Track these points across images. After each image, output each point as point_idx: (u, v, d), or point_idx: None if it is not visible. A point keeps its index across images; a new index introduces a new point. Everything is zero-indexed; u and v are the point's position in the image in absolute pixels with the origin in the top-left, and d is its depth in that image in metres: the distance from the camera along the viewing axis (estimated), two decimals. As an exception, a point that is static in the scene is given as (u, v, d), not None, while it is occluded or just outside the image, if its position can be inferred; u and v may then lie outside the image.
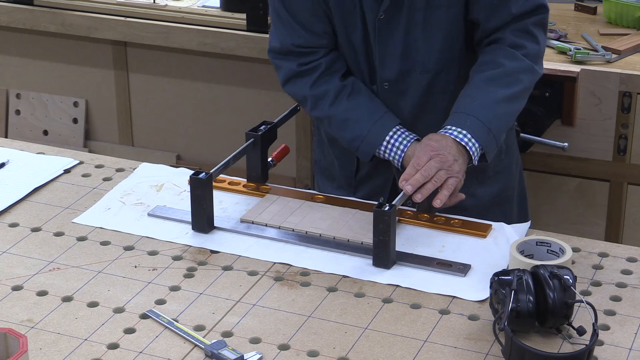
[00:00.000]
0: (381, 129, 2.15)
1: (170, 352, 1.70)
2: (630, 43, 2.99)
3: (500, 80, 2.10)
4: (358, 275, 1.91)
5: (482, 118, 2.06)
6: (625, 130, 2.92)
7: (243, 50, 3.35)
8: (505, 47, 2.12)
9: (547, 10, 2.16)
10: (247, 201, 2.17)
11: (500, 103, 2.09)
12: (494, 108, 2.08)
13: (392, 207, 1.91)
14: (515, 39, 2.12)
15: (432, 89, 2.18)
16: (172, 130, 3.72)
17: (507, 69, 2.10)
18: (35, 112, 3.87)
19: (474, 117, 2.06)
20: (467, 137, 2.04)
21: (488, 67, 2.11)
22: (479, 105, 2.08)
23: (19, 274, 1.92)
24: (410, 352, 1.70)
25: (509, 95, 2.10)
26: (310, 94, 2.20)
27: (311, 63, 2.20)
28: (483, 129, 2.06)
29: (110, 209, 2.14)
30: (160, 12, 3.47)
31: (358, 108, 2.17)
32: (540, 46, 2.15)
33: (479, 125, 2.05)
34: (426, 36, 2.13)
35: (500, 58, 2.11)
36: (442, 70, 2.16)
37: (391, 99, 2.20)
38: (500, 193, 2.30)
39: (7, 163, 2.32)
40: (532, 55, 2.13)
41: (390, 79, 2.18)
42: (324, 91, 2.19)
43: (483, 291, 1.84)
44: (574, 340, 1.71)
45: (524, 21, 2.12)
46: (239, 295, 1.85)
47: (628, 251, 1.99)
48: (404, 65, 2.16)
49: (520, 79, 2.12)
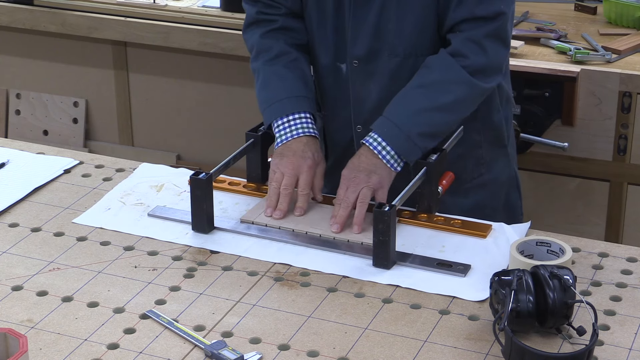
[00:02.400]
0: (291, 104, 2.17)
1: (170, 352, 1.70)
2: (630, 43, 2.99)
3: (428, 89, 2.08)
4: (358, 275, 1.91)
5: (400, 125, 2.06)
6: (625, 130, 2.92)
7: (243, 50, 3.34)
8: (445, 55, 2.09)
9: (506, 18, 2.10)
10: (247, 201, 2.17)
11: (424, 111, 2.07)
12: (416, 116, 2.07)
13: (392, 207, 1.91)
14: (461, 46, 2.08)
15: (401, 74, 2.15)
16: (172, 130, 3.72)
17: (437, 78, 2.08)
18: (35, 112, 3.87)
19: (393, 123, 2.07)
20: (381, 145, 2.05)
21: (421, 73, 2.10)
22: (402, 111, 2.08)
23: (19, 274, 1.92)
24: (410, 352, 1.70)
25: (435, 106, 2.07)
26: (257, 43, 2.23)
27: (269, 15, 2.23)
28: (401, 136, 2.05)
29: (110, 209, 2.14)
30: (160, 12, 3.47)
31: (286, 78, 2.19)
32: (488, 59, 2.10)
33: (396, 132, 2.06)
34: (399, 18, 2.11)
35: (436, 65, 2.09)
36: (410, 56, 2.14)
37: (360, 79, 2.18)
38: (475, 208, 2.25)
39: (7, 163, 2.32)
40: (473, 68, 2.08)
41: (360, 57, 2.16)
42: (268, 46, 2.22)
43: (483, 291, 1.84)
44: (574, 340, 1.71)
45: (478, 30, 2.08)
46: (239, 295, 1.85)
47: (628, 251, 1.99)
48: (375, 44, 2.14)
49: (451, 90, 2.08)
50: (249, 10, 2.27)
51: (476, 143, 2.27)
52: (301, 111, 2.16)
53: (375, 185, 2.05)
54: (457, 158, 2.22)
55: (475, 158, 2.28)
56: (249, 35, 2.27)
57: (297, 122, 2.16)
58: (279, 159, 2.12)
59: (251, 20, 2.26)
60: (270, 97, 2.19)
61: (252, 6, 2.26)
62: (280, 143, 2.15)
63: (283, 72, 2.20)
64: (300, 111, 2.16)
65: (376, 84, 2.19)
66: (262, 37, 2.23)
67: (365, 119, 2.20)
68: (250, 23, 2.27)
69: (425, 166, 2.05)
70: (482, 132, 2.26)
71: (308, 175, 2.11)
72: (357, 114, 2.22)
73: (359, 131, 2.23)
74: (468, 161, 2.27)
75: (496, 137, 2.29)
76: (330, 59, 2.21)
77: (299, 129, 2.15)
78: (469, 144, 2.25)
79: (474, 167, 2.28)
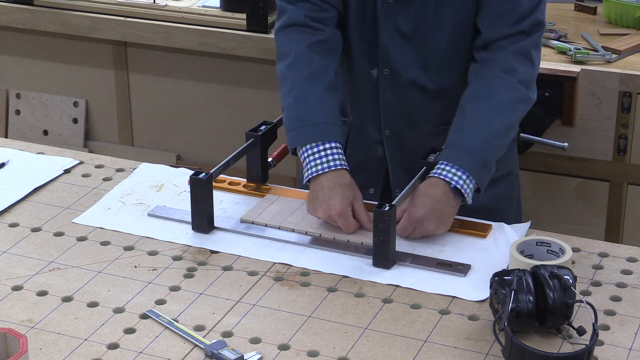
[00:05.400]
0: (330, 131, 2.06)
1: (170, 352, 1.70)
2: (630, 43, 2.99)
3: (498, 112, 2.05)
4: (358, 275, 1.91)
5: (479, 153, 2.01)
6: (625, 130, 2.92)
7: (243, 50, 3.35)
8: (500, 74, 2.06)
9: (543, 27, 2.10)
10: (247, 201, 2.17)
11: (498, 136, 2.05)
12: (492, 142, 2.04)
13: (392, 207, 1.91)
14: (512, 62, 2.06)
15: (432, 86, 2.15)
16: (172, 130, 3.71)
17: (503, 99, 2.05)
18: (35, 112, 3.87)
19: (470, 153, 2.00)
20: (462, 179, 1.99)
21: (484, 97, 2.06)
22: (477, 139, 2.03)
23: (19, 274, 1.92)
24: (410, 352, 1.70)
25: (505, 127, 2.06)
26: (300, 53, 2.10)
27: (318, 22, 2.12)
28: (479, 165, 2.01)
29: (110, 209, 2.14)
30: (160, 12, 3.47)
31: (327, 101, 2.08)
32: (534, 69, 2.10)
33: (475, 162, 2.00)
34: (434, 32, 2.10)
35: (497, 87, 2.06)
36: (443, 70, 2.14)
37: (390, 87, 2.17)
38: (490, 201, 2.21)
39: (7, 163, 2.32)
40: (525, 82, 2.07)
41: (391, 67, 2.15)
42: (310, 59, 2.09)
43: (483, 291, 1.84)
44: (574, 340, 1.71)
45: (523, 42, 2.07)
46: (239, 295, 1.85)
47: (628, 251, 1.99)
48: (407, 55, 2.13)
49: (516, 109, 2.07)
50: (294, 12, 2.13)
51: None
52: (334, 142, 2.06)
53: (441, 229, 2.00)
54: None
55: None
56: (287, 38, 2.13)
57: (329, 155, 2.05)
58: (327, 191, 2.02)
59: (296, 22, 2.13)
60: (305, 116, 2.07)
61: (298, 7, 2.13)
62: (315, 172, 2.03)
63: (324, 95, 2.08)
64: (333, 142, 2.06)
65: (406, 93, 2.17)
66: (308, 49, 2.10)
67: (394, 124, 2.20)
68: (292, 24, 2.13)
69: (425, 166, 2.05)
70: None
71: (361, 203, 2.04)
72: (386, 119, 2.20)
73: (388, 134, 2.22)
74: None
75: None
76: (364, 66, 2.19)
77: (330, 162, 2.04)
78: None
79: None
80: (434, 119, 2.20)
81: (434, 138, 2.17)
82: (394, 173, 2.26)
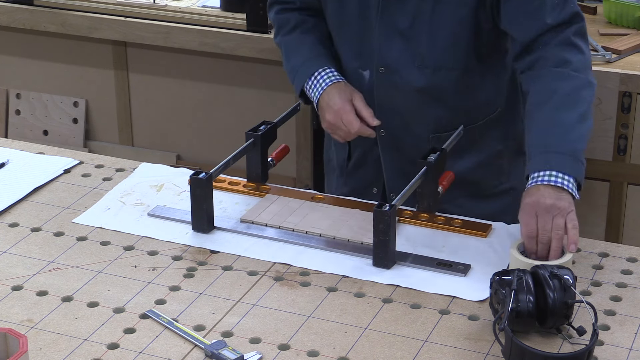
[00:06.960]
0: (313, 64, 2.22)
1: (170, 352, 1.70)
2: (630, 43, 2.99)
3: (564, 105, 1.98)
4: (358, 275, 1.91)
5: (564, 150, 1.94)
6: (625, 130, 2.92)
7: (243, 50, 3.35)
8: (551, 69, 2.01)
9: (583, 18, 2.05)
10: (247, 201, 2.17)
11: (574, 127, 1.97)
12: (570, 134, 1.96)
13: (392, 207, 1.91)
14: (560, 53, 2.01)
15: (428, 85, 2.15)
16: (172, 130, 3.71)
17: (564, 91, 1.99)
18: (35, 112, 3.87)
19: (555, 152, 1.93)
20: (559, 177, 1.90)
21: (546, 96, 2.00)
22: (556, 137, 1.96)
23: (19, 274, 1.92)
24: (410, 352, 1.70)
25: (577, 116, 1.98)
26: (275, 19, 2.33)
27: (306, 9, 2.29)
28: (568, 160, 1.93)
29: (110, 209, 2.14)
30: (160, 12, 3.47)
31: (304, 43, 2.26)
32: (585, 56, 2.04)
33: (563, 159, 1.92)
34: (431, 30, 2.10)
35: (553, 82, 2.00)
36: (440, 69, 2.13)
37: (385, 87, 2.17)
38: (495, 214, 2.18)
39: (7, 163, 2.32)
40: (581, 69, 2.01)
41: (387, 65, 2.15)
42: (286, 19, 2.30)
43: (483, 291, 1.84)
44: (574, 340, 1.71)
45: (564, 32, 2.02)
46: (239, 295, 1.85)
47: (628, 251, 1.99)
48: (404, 54, 2.13)
49: (582, 96, 2.00)
50: None
51: (497, 153, 2.25)
52: (325, 67, 2.22)
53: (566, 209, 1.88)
54: (477, 166, 2.22)
55: (496, 167, 2.26)
56: (271, 14, 2.36)
57: (324, 75, 2.21)
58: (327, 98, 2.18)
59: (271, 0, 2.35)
60: (293, 65, 2.26)
61: None
62: (317, 96, 2.21)
63: (300, 39, 2.27)
64: (324, 67, 2.22)
65: (402, 93, 2.17)
66: (278, 13, 2.32)
67: (389, 125, 2.20)
68: (272, 2, 2.35)
69: (425, 166, 2.05)
70: (504, 141, 2.24)
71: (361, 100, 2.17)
72: (381, 119, 2.19)
73: (383, 135, 2.22)
74: (487, 170, 2.25)
75: (518, 146, 2.24)
76: (353, 65, 2.21)
77: (326, 80, 2.20)
78: (490, 153, 2.24)
79: (494, 175, 2.26)
80: (431, 123, 2.19)
81: (431, 145, 2.15)
82: (388, 175, 2.25)
